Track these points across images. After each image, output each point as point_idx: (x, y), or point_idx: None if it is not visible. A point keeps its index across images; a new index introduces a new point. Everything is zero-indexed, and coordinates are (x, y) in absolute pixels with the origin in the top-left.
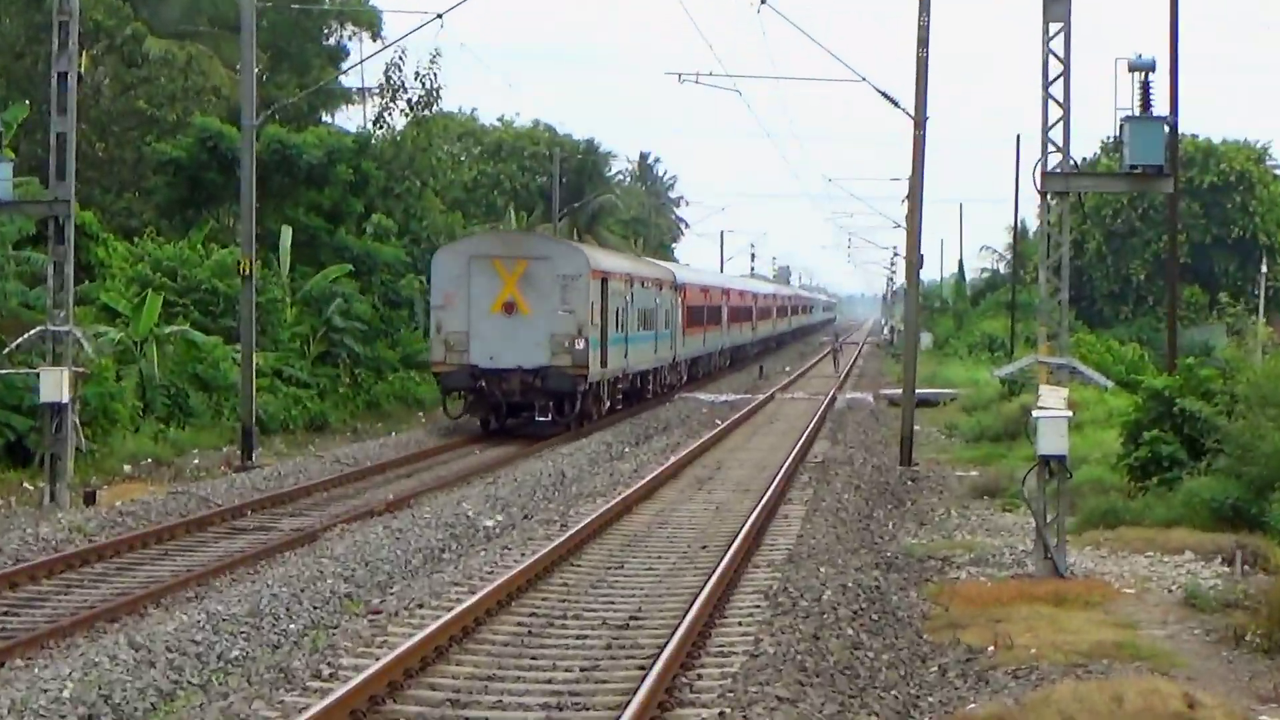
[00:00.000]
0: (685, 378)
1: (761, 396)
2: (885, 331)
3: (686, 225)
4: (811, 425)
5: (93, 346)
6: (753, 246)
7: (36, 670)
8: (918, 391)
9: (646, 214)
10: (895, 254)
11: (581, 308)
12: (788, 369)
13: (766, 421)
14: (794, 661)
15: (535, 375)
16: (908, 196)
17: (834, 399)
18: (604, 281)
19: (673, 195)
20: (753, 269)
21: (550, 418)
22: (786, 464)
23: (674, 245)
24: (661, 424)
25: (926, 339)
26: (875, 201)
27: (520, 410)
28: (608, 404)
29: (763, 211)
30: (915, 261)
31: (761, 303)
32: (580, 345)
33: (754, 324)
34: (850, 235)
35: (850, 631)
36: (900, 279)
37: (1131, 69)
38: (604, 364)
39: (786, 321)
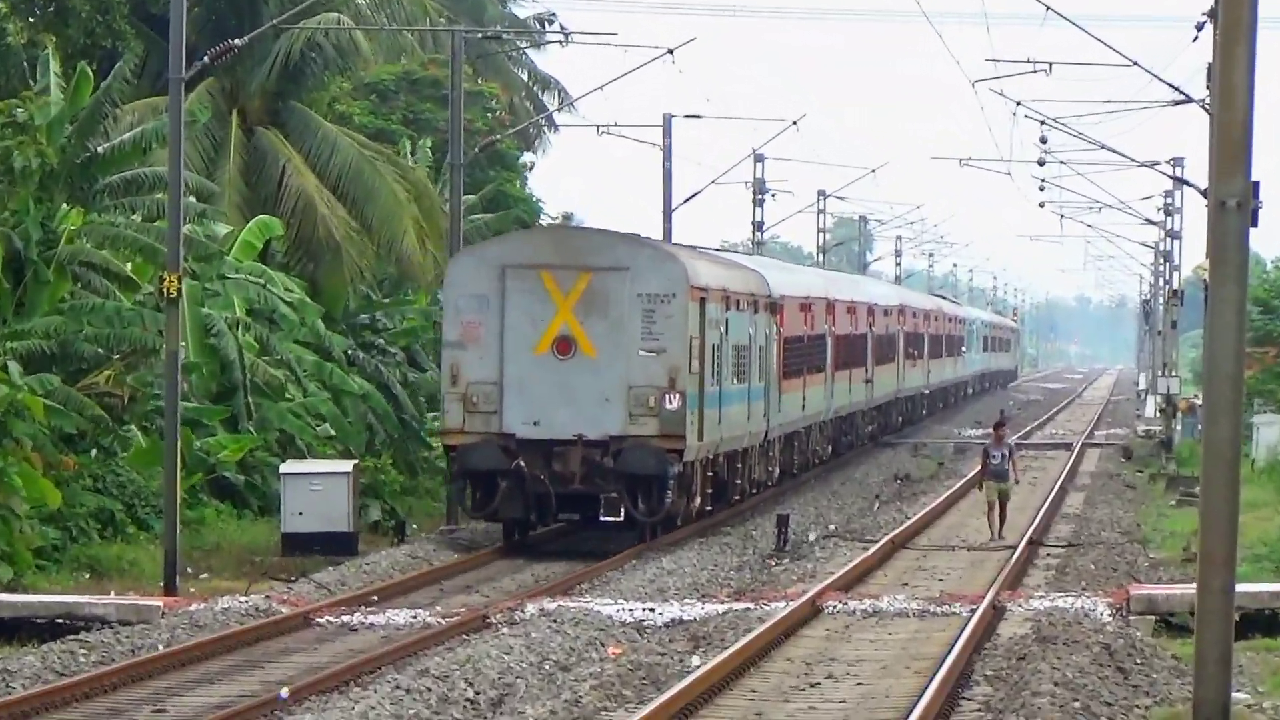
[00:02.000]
0: (778, 471)
1: (780, 610)
2: (1149, 409)
3: (565, 101)
4: (930, 693)
5: None
6: (756, 159)
7: None
8: (1242, 591)
9: (450, 70)
10: (1176, 183)
11: (676, 345)
12: (847, 520)
13: (797, 681)
14: None
15: (604, 450)
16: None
17: (997, 614)
18: (702, 303)
19: (522, 10)
20: (757, 236)
21: (622, 517)
22: None
23: (526, 163)
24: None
25: (1274, 432)
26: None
27: (577, 506)
28: (698, 499)
29: (780, 75)
30: (1239, 202)
31: (881, 325)
32: (673, 404)
33: (869, 370)
34: (1045, 126)
35: None
36: (1192, 258)
37: None
38: (701, 435)
39: (920, 370)
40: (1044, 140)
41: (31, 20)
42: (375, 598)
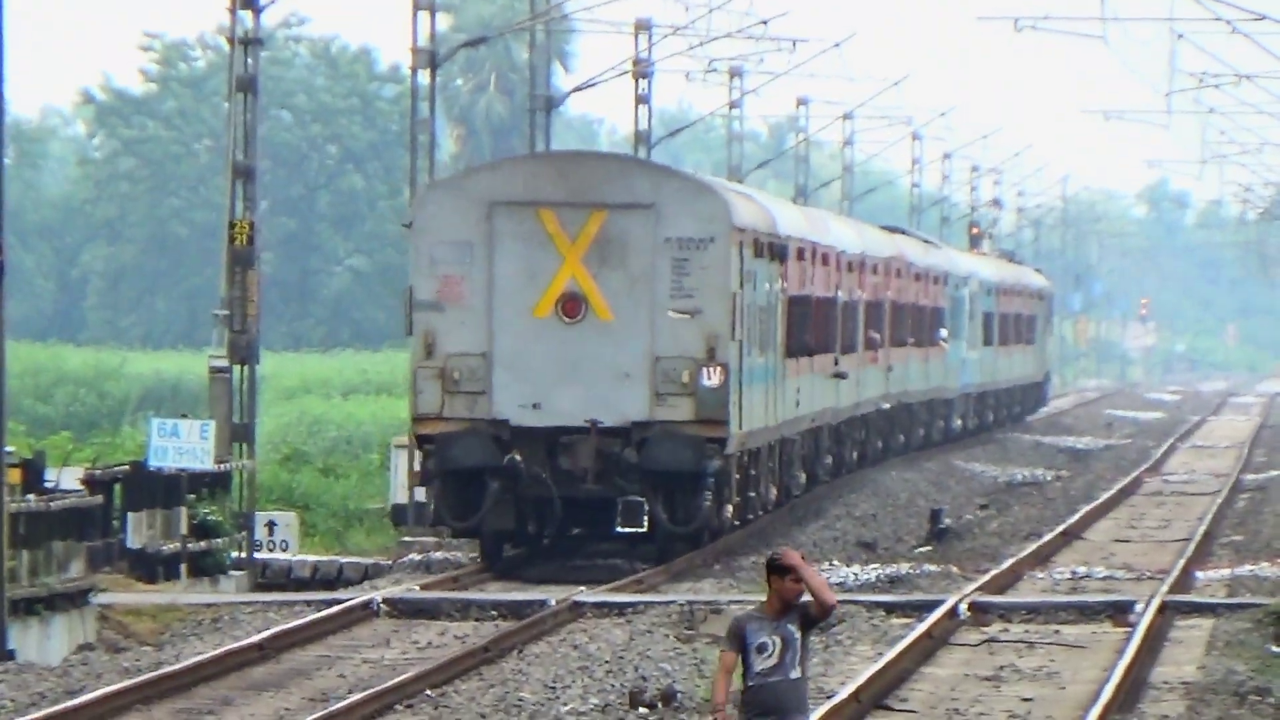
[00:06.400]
0: (774, 491)
1: None
2: None
3: None
4: None
5: None
6: None
7: None
8: None
9: None
10: None
11: (715, 304)
12: None
13: None
14: None
15: (625, 441)
16: None
17: None
18: (740, 249)
19: None
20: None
21: (644, 527)
22: None
23: None
24: None
25: None
26: None
27: (586, 515)
28: (730, 508)
29: None
30: None
31: (846, 286)
32: (713, 380)
33: (837, 360)
34: None
35: None
36: None
37: None
38: (741, 422)
39: (878, 371)
40: None
41: None
42: None
